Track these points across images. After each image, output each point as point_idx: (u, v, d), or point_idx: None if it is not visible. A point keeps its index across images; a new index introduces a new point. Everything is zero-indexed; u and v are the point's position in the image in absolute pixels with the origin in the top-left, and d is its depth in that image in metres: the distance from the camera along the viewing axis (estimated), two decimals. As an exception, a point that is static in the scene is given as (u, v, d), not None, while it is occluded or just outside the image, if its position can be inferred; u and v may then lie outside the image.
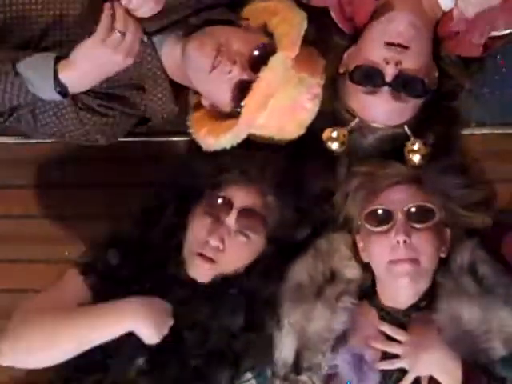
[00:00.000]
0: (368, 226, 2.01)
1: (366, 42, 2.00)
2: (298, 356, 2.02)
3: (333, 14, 2.03)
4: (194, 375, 1.98)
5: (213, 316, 1.99)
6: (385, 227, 1.98)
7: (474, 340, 1.94)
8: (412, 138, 2.02)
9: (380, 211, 1.99)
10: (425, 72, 1.98)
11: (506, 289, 1.98)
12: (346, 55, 2.05)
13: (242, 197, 2.02)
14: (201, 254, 2.00)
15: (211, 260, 2.00)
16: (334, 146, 2.03)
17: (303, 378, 2.01)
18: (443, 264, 2.03)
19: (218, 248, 1.99)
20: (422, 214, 1.98)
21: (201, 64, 1.95)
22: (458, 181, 2.05)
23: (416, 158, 2.02)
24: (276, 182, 2.04)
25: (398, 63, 1.94)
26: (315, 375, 2.00)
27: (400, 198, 1.99)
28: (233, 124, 1.98)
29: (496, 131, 2.25)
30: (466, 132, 2.20)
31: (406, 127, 2.03)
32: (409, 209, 1.97)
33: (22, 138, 2.37)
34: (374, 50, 1.97)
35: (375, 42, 1.97)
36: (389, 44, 1.94)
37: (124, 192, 2.26)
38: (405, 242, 1.95)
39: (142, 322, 1.90)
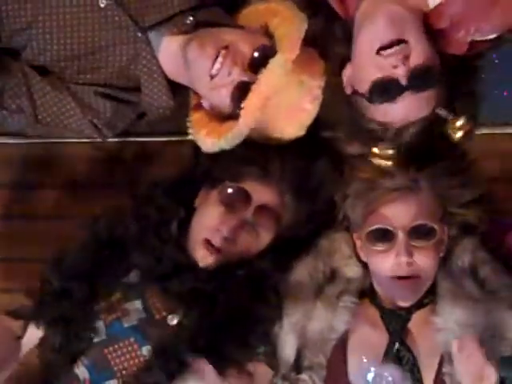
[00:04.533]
0: (369, 246, 2.00)
1: (361, 60, 1.95)
2: (299, 355, 2.02)
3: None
4: (205, 353, 1.96)
5: (219, 289, 1.99)
6: (386, 246, 1.97)
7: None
8: (451, 116, 1.97)
9: (381, 231, 1.97)
10: (432, 54, 1.94)
11: (509, 291, 1.97)
12: (344, 76, 2.01)
13: (261, 193, 2.02)
14: (208, 242, 2.00)
15: (217, 250, 1.99)
16: (383, 163, 2.01)
17: (304, 376, 2.00)
18: (443, 262, 2.03)
19: (228, 238, 1.99)
20: (424, 233, 1.97)
21: (201, 65, 1.96)
22: (454, 181, 2.04)
23: (459, 134, 1.97)
24: (295, 183, 2.04)
25: (404, 60, 1.91)
26: (316, 374, 2.00)
27: (401, 216, 1.97)
28: (232, 125, 1.98)
29: (496, 131, 2.25)
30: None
31: (439, 110, 1.97)
32: (410, 228, 1.96)
33: (22, 138, 2.37)
34: (373, 65, 1.92)
35: (368, 56, 1.93)
36: (382, 49, 1.90)
37: (124, 192, 2.26)
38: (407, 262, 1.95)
39: None
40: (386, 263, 1.98)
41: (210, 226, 2.01)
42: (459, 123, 1.97)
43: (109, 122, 2.10)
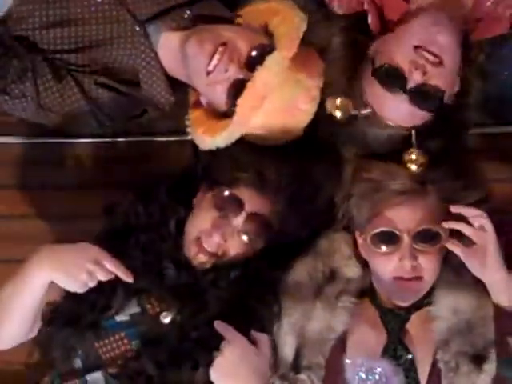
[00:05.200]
0: (373, 247, 1.99)
1: (400, 39, 1.96)
2: (298, 355, 2.02)
3: (370, 18, 2.01)
4: (195, 346, 1.96)
5: (211, 285, 2.00)
6: (390, 249, 1.97)
7: (471, 327, 1.94)
8: (413, 148, 2.01)
9: (386, 234, 1.97)
10: (448, 89, 1.96)
11: None
12: (376, 42, 2.02)
13: (254, 201, 2.01)
14: (199, 240, 2.00)
15: (209, 254, 2.00)
16: (414, 167, 2.01)
17: (302, 376, 2.00)
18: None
19: (219, 243, 2.00)
20: (429, 238, 1.96)
21: (199, 61, 1.95)
22: (458, 184, 2.04)
23: (413, 168, 2.01)
24: (291, 192, 2.02)
25: (425, 73, 1.92)
26: (314, 374, 2.00)
27: (406, 220, 1.96)
28: (228, 123, 1.97)
29: (496, 131, 2.25)
30: (465, 132, 2.20)
31: (413, 132, 2.01)
32: (415, 233, 1.95)
33: (22, 137, 2.38)
34: (405, 50, 1.93)
35: (407, 43, 1.94)
36: (423, 49, 1.91)
37: (123, 192, 2.26)
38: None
39: (49, 270, 1.91)
40: (389, 266, 1.98)
41: (202, 229, 2.01)
42: (414, 156, 2.00)
43: (107, 111, 2.11)
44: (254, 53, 1.96)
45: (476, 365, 1.92)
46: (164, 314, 2.01)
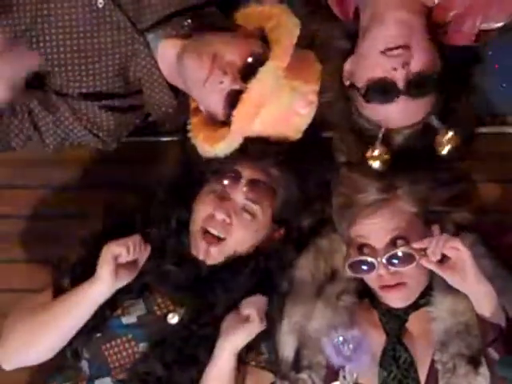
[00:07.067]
0: (352, 274, 2.01)
1: (364, 56, 1.98)
2: (299, 354, 2.02)
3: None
4: (199, 346, 1.98)
5: (223, 291, 2.00)
6: (366, 274, 1.99)
7: (469, 329, 1.94)
8: (442, 127, 2.00)
9: (363, 265, 1.97)
10: (432, 62, 1.97)
11: (503, 281, 1.97)
12: (346, 67, 2.03)
13: (249, 170, 2.03)
14: (206, 232, 2.00)
15: (217, 238, 2.00)
16: (376, 164, 2.03)
17: (303, 376, 2.01)
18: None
19: (225, 222, 2.00)
20: (402, 260, 1.96)
21: (197, 75, 1.97)
22: (432, 183, 2.04)
23: (446, 148, 2.00)
24: (279, 158, 2.04)
25: (404, 65, 1.92)
26: (315, 374, 2.00)
27: (378, 230, 1.98)
28: (226, 133, 1.99)
29: (496, 131, 2.25)
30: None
31: (433, 118, 2.01)
32: (388, 257, 1.95)
33: (22, 137, 2.38)
34: (375, 63, 1.95)
35: (372, 54, 1.95)
36: (388, 50, 1.92)
37: (124, 192, 2.26)
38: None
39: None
40: (372, 278, 2.00)
41: (204, 215, 2.02)
42: (447, 137, 1.99)
43: (113, 133, 2.13)
44: (249, 60, 1.96)
45: (473, 367, 1.93)
46: (171, 314, 2.01)
